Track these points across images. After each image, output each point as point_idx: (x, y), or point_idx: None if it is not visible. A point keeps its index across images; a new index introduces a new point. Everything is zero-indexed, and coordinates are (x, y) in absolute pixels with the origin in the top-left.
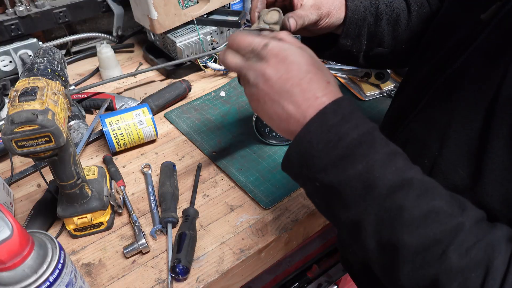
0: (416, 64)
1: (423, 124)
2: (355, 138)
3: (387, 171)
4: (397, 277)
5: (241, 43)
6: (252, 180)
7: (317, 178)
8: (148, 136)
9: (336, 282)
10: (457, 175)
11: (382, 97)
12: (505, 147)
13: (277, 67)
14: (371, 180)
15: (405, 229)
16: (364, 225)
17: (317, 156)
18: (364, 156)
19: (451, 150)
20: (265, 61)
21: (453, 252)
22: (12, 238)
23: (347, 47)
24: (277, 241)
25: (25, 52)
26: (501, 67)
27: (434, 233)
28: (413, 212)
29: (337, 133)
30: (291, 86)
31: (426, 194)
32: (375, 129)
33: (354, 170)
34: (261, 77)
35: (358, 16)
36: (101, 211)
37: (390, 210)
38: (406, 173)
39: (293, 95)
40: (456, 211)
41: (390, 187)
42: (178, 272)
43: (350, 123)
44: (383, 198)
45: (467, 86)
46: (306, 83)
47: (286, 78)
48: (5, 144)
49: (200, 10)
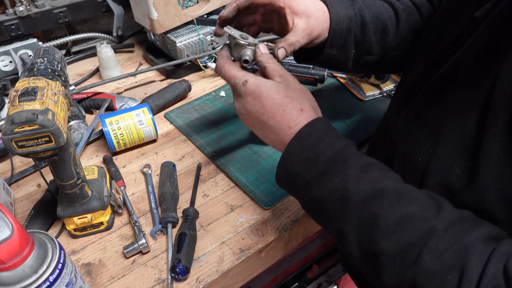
0: (412, 64)
1: (415, 122)
2: (330, 156)
3: (360, 184)
4: (382, 280)
5: (226, 75)
6: (252, 180)
7: (304, 194)
8: (148, 136)
9: (336, 282)
10: (452, 173)
11: (382, 97)
12: (501, 143)
13: (253, 103)
14: (346, 193)
15: (382, 235)
16: (346, 235)
17: (300, 174)
18: (339, 171)
19: (445, 148)
20: (244, 97)
21: (427, 255)
22: (12, 238)
23: (333, 56)
24: (277, 241)
25: (25, 52)
26: (495, 64)
27: (409, 238)
28: (387, 219)
29: (314, 152)
30: (267, 119)
31: (399, 201)
32: (348, 145)
33: (332, 185)
34: (242, 109)
35: (342, 27)
36: (101, 211)
37: (367, 219)
38: (380, 183)
39: (271, 126)
40: (430, 214)
41: (364, 198)
42: (178, 272)
43: (324, 141)
44: (359, 208)
45: (461, 84)
46: (280, 116)
47: (262, 112)
48: (5, 144)
49: (200, 10)
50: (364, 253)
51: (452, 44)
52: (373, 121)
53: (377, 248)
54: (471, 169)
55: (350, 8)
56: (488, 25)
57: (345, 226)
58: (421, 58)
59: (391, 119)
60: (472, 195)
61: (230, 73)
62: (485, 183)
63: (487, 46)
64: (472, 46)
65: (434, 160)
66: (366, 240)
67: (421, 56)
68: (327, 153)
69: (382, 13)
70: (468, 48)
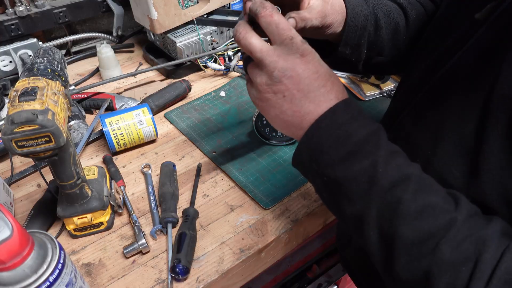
0: (413, 64)
1: (414, 123)
2: (363, 136)
3: (388, 167)
4: (394, 268)
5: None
6: (252, 180)
7: (325, 173)
8: (148, 136)
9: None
10: (450, 175)
11: (382, 97)
12: (501, 146)
13: (308, 65)
14: (374, 175)
15: (402, 221)
16: (367, 219)
17: (326, 151)
18: (370, 153)
19: (444, 150)
20: (298, 56)
21: (445, 246)
22: (12, 238)
23: (346, 56)
24: (277, 241)
25: (25, 52)
26: (495, 66)
27: (429, 227)
28: (410, 205)
29: (347, 130)
30: (318, 86)
31: (423, 190)
32: (380, 129)
33: (360, 166)
34: (290, 71)
35: (358, 25)
36: (101, 211)
37: (390, 203)
38: (406, 169)
39: (318, 95)
40: (450, 207)
41: (391, 182)
42: (178, 272)
43: (358, 121)
44: (384, 192)
45: (461, 86)
46: (331, 85)
47: (315, 77)
48: (5, 144)
49: (200, 10)
50: (382, 239)
51: (452, 45)
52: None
53: (396, 234)
54: (471, 172)
55: (365, 5)
56: (489, 27)
57: (367, 209)
58: (422, 58)
59: (392, 119)
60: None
61: (286, 25)
62: (484, 186)
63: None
64: (472, 48)
65: (433, 162)
66: (386, 225)
67: (422, 56)
68: (361, 133)
69: (393, 12)
70: (468, 50)
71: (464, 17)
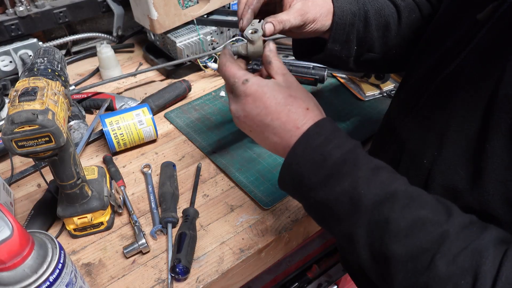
0: (414, 65)
1: (420, 125)
2: (338, 157)
3: (371, 186)
4: (393, 285)
5: (225, 73)
6: (252, 180)
7: (310, 196)
8: (148, 136)
9: (336, 282)
10: (456, 175)
11: (382, 97)
12: (505, 146)
13: (254, 104)
14: (357, 196)
15: (393, 239)
16: (356, 238)
17: (306, 176)
18: (348, 173)
19: (450, 151)
20: (243, 97)
21: (440, 260)
22: (12, 238)
23: (336, 52)
24: (277, 241)
25: (25, 52)
26: (498, 66)
27: (421, 242)
28: (399, 223)
29: (322, 153)
30: (271, 120)
31: (410, 205)
32: (357, 146)
33: (340, 188)
34: (241, 111)
35: (346, 22)
36: (101, 211)
37: (378, 222)
38: (390, 186)
39: (275, 128)
40: (441, 219)
41: (376, 201)
42: (178, 272)
43: (332, 143)
44: (370, 211)
45: (464, 86)
46: (286, 116)
47: (265, 113)
48: (5, 144)
49: (200, 10)
50: (374, 256)
51: (455, 46)
52: (373, 121)
53: (389, 252)
54: (475, 172)
55: (354, 2)
56: (491, 27)
57: (355, 229)
58: (423, 59)
59: (397, 120)
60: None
61: (230, 71)
62: (489, 186)
63: (489, 49)
64: (475, 49)
65: (439, 163)
66: (377, 244)
67: (424, 57)
68: (336, 154)
69: (385, 9)
70: (471, 50)
71: (465, 17)
